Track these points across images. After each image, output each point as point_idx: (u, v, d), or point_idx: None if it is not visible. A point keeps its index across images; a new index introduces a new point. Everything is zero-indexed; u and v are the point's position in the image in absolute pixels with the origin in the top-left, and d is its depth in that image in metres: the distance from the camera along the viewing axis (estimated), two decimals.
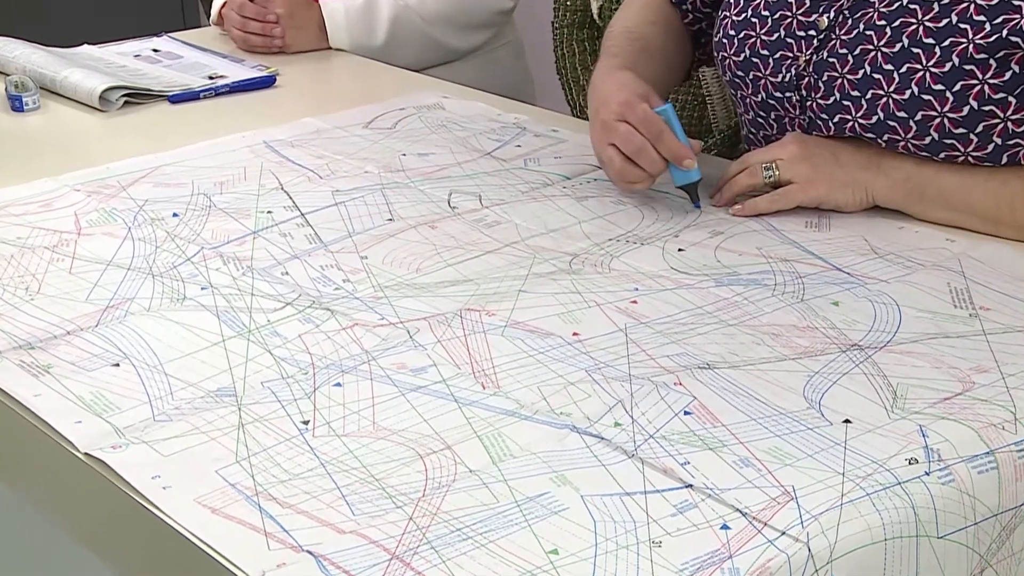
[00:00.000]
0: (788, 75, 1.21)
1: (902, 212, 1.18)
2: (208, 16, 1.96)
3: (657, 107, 1.18)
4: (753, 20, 1.25)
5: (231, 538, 0.74)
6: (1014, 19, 1.09)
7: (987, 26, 1.09)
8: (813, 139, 1.20)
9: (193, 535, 0.75)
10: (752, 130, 1.30)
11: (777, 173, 1.19)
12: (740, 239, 1.15)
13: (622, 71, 1.24)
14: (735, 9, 1.28)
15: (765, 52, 1.23)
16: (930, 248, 1.12)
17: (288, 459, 0.81)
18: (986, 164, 1.13)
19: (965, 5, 1.11)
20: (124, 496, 0.79)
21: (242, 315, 1.00)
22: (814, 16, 1.20)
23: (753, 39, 1.24)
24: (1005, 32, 1.09)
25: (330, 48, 1.88)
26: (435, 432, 0.84)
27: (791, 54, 1.21)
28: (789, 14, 1.22)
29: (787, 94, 1.22)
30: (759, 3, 1.25)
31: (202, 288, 1.05)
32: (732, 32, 1.27)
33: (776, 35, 1.23)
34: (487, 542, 0.73)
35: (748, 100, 1.27)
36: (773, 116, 1.25)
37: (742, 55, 1.25)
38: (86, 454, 0.82)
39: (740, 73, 1.26)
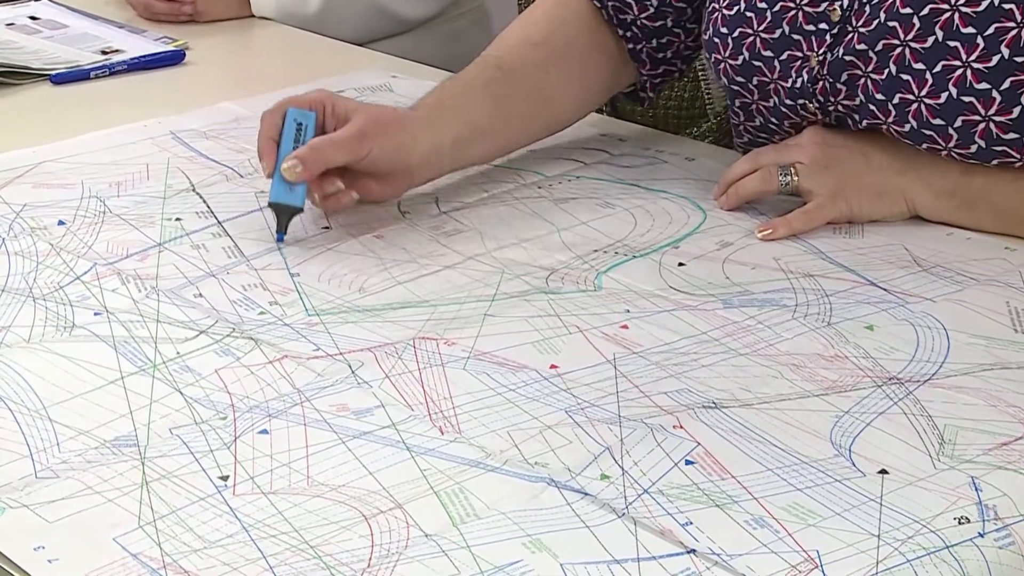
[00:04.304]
0: (800, 79, 1.21)
1: None
2: None
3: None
4: (748, 15, 1.24)
5: None
6: None
7: None
8: (838, 137, 1.21)
9: None
10: (763, 136, 1.30)
11: (796, 180, 1.20)
12: (753, 250, 1.16)
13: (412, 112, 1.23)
14: (725, 1, 1.27)
15: (768, 53, 1.23)
16: (985, 259, 1.14)
17: (203, 523, 0.82)
18: None
19: None
20: (1, 572, 0.79)
21: (145, 347, 1.01)
22: (824, 5, 1.20)
23: (751, 38, 1.24)
24: None
25: (252, 16, 1.89)
26: (383, 488, 0.85)
27: (800, 53, 1.21)
28: (793, 5, 1.21)
29: (800, 101, 1.22)
30: None
31: (95, 314, 1.06)
32: (724, 30, 1.26)
33: (779, 31, 1.22)
34: None
35: (755, 107, 1.27)
36: (788, 124, 1.26)
37: (740, 58, 1.25)
38: None
39: (741, 79, 1.26)
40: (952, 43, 1.13)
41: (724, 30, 1.26)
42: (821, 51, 1.20)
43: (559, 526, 0.81)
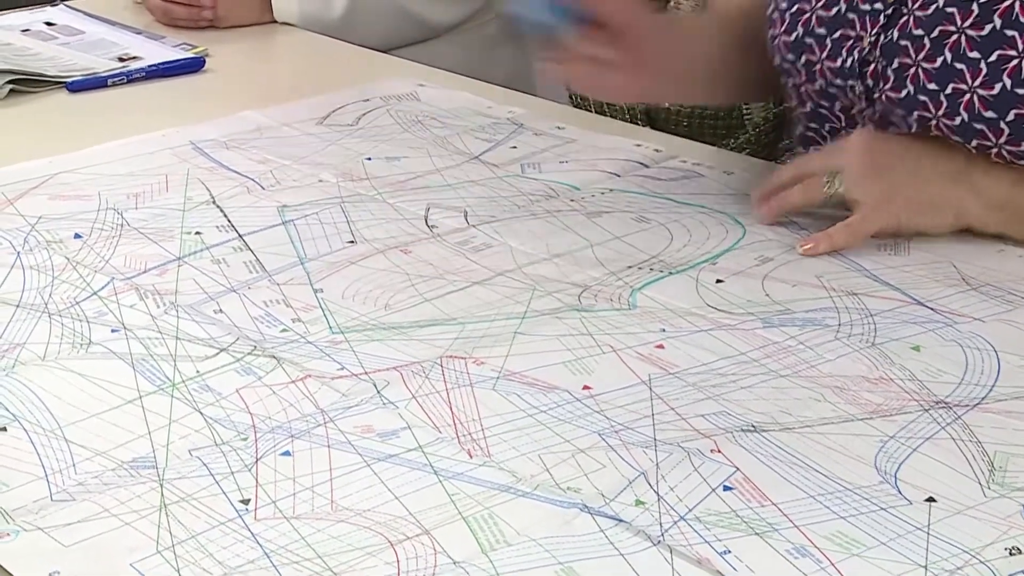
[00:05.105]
0: (849, 59, 1.23)
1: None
2: None
3: None
4: None
5: None
6: None
7: None
8: (888, 142, 1.22)
9: None
10: (813, 124, 1.31)
11: (841, 189, 1.19)
12: (795, 266, 1.17)
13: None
14: None
15: (822, 31, 1.25)
16: None
17: (223, 548, 0.82)
18: None
19: None
20: None
21: (164, 365, 1.02)
22: None
23: (807, 15, 1.27)
24: None
25: (274, 22, 1.90)
26: (409, 513, 0.85)
27: (853, 33, 1.23)
28: None
29: (849, 82, 1.24)
30: None
31: (112, 330, 1.07)
32: (784, 5, 1.30)
33: (835, 9, 1.25)
34: None
35: (804, 89, 1.30)
36: (839, 107, 1.27)
37: (794, 34, 1.27)
38: None
39: (791, 57, 1.28)
40: (1009, 32, 1.14)
41: (784, 5, 1.30)
42: (874, 31, 1.21)
43: (592, 553, 0.81)
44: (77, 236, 1.22)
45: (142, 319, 1.08)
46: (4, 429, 0.94)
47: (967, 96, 1.16)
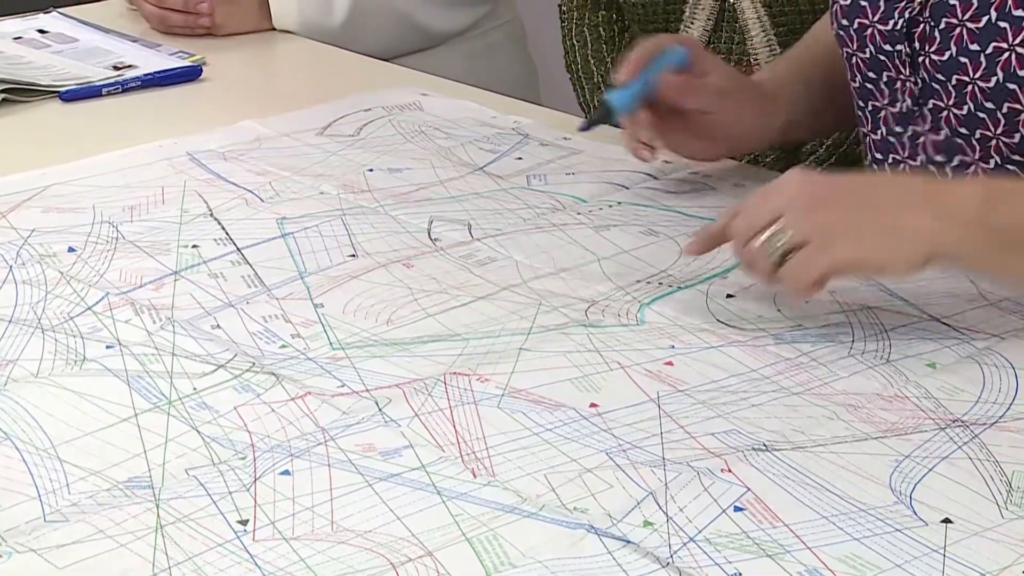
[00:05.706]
0: (899, 21, 1.24)
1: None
2: None
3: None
4: None
5: None
6: None
7: None
8: (827, 177, 1.09)
9: None
10: (860, 103, 1.32)
11: (786, 237, 1.03)
12: None
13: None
14: None
15: None
16: None
17: (220, 570, 0.82)
18: None
19: None
20: None
21: (160, 382, 1.02)
22: None
23: None
24: None
25: (273, 29, 1.91)
26: (412, 534, 0.85)
27: None
28: None
29: (897, 47, 1.25)
30: None
31: (107, 346, 1.07)
32: None
33: None
34: None
35: (855, 59, 1.30)
36: (886, 78, 1.28)
37: None
38: None
39: (845, 22, 1.29)
40: None
41: None
42: None
43: (600, 575, 0.82)
44: (71, 249, 1.23)
45: (138, 335, 1.08)
46: None
47: (1006, 55, 1.16)
